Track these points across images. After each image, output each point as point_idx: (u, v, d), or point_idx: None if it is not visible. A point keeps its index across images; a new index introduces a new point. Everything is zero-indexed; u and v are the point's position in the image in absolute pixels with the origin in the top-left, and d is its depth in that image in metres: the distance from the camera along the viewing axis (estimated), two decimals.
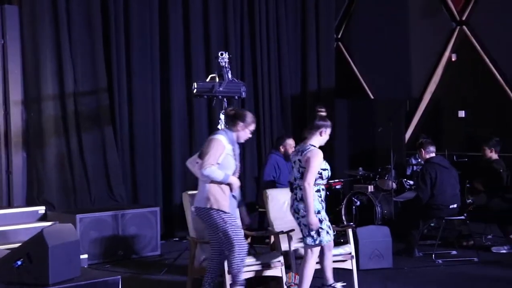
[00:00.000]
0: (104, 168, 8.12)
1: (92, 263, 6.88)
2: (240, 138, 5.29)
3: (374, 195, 8.77)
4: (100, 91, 8.07)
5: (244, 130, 5.27)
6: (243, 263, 5.14)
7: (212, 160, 5.06)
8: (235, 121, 5.25)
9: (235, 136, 5.25)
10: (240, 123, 5.24)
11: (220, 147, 5.11)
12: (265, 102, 9.72)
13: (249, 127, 5.27)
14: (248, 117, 5.27)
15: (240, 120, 5.24)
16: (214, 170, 5.05)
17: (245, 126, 5.25)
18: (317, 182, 5.28)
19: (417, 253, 7.27)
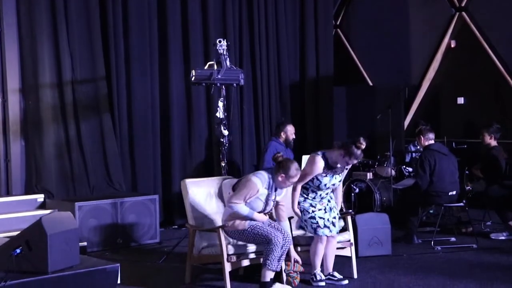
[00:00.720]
0: (102, 156, 8.10)
1: (91, 251, 6.89)
2: (280, 186, 5.38)
3: (373, 182, 8.78)
4: (98, 79, 8.04)
5: (284, 181, 5.31)
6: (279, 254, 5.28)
7: (238, 199, 5.25)
8: (278, 170, 5.31)
9: (276, 183, 5.34)
10: (283, 174, 5.28)
11: (253, 190, 5.26)
12: (263, 89, 9.69)
13: (291, 179, 5.30)
14: (292, 171, 5.26)
15: (283, 171, 5.27)
16: (240, 207, 5.25)
17: (286, 179, 5.29)
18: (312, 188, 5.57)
19: (416, 240, 7.28)
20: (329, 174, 5.54)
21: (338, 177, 5.65)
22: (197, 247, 5.71)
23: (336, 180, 5.65)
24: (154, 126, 8.61)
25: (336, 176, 5.61)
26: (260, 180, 5.28)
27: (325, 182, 5.57)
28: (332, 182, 5.62)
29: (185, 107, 8.94)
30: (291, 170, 5.25)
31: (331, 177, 5.59)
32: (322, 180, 5.55)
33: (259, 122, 9.66)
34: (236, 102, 9.20)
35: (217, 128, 7.00)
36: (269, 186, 5.31)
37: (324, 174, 5.52)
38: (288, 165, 5.28)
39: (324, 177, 5.54)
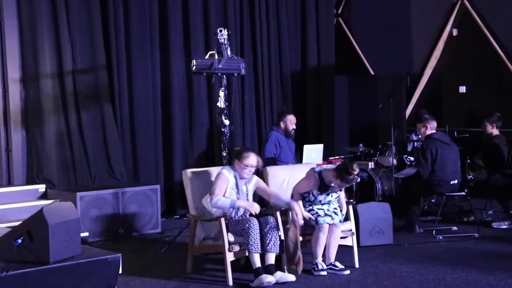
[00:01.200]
0: (104, 146, 8.10)
1: (93, 241, 6.89)
2: (241, 175, 5.62)
3: (375, 171, 8.77)
4: (99, 69, 8.02)
5: (240, 166, 5.58)
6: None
7: (217, 191, 5.46)
8: (233, 159, 5.67)
9: (237, 171, 5.63)
10: (236, 159, 5.60)
11: (225, 181, 5.52)
12: (264, 79, 9.67)
13: (244, 162, 5.54)
14: (242, 154, 5.58)
15: (236, 158, 5.62)
16: (220, 198, 5.42)
17: (240, 162, 5.56)
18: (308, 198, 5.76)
19: (417, 229, 7.28)
20: (324, 193, 5.70)
21: (334, 195, 5.78)
22: (198, 237, 5.71)
23: (332, 197, 5.78)
24: (155, 115, 8.60)
25: (333, 194, 5.76)
26: (226, 170, 5.59)
27: (320, 199, 5.73)
28: (327, 199, 5.76)
29: (186, 97, 8.93)
30: (242, 154, 5.56)
31: (326, 195, 5.73)
32: (317, 197, 5.72)
33: (260, 111, 9.64)
34: (237, 91, 9.19)
35: (218, 117, 6.97)
36: (234, 176, 5.60)
37: (319, 192, 5.68)
38: (239, 150, 5.71)
39: (319, 195, 5.71)
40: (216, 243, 5.53)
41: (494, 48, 9.60)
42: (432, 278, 5.44)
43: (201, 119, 9.01)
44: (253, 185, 5.74)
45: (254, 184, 5.74)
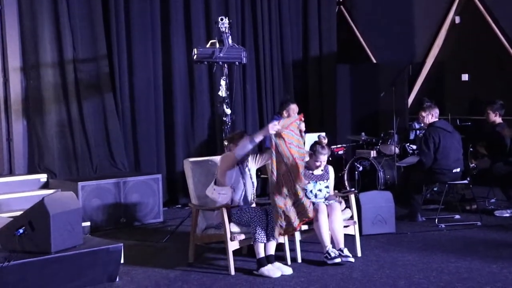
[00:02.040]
0: (105, 135, 8.08)
1: (95, 231, 6.88)
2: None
3: (377, 160, 8.76)
4: (100, 58, 7.98)
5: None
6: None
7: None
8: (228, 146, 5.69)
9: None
10: (231, 144, 5.61)
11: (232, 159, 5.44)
12: (266, 68, 9.63)
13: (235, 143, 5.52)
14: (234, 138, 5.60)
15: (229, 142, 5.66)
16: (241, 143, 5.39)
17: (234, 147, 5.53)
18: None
19: (420, 218, 7.27)
20: (311, 180, 5.81)
21: (323, 183, 5.86)
22: (200, 226, 5.70)
23: (321, 186, 5.86)
24: (157, 105, 8.58)
25: (321, 182, 5.86)
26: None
27: (310, 188, 5.80)
28: (317, 188, 5.84)
29: (188, 86, 8.90)
30: (236, 137, 5.58)
31: (315, 183, 5.83)
32: (307, 187, 5.74)
33: (261, 100, 9.62)
34: (239, 80, 9.16)
35: (220, 107, 6.96)
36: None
37: (307, 181, 5.72)
38: (231, 134, 5.79)
39: (308, 184, 5.76)
40: (218, 232, 5.51)
41: (497, 36, 9.55)
42: (435, 267, 5.42)
43: (203, 108, 8.98)
44: (251, 163, 5.70)
45: (252, 162, 5.71)
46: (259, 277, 5.23)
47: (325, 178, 5.95)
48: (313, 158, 5.86)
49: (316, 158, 5.84)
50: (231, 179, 5.49)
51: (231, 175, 5.49)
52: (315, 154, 5.85)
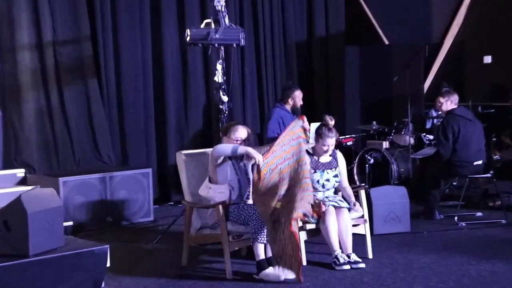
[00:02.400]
0: (89, 125, 8.08)
1: (78, 231, 6.89)
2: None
3: (390, 152, 8.76)
4: (82, 40, 7.97)
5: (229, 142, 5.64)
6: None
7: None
8: (221, 137, 5.75)
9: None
10: (224, 136, 5.70)
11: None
12: (267, 50, 9.63)
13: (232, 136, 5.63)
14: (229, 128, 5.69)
15: (223, 134, 5.71)
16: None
17: (228, 138, 5.64)
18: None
19: (437, 215, 7.27)
20: (318, 169, 5.81)
21: (330, 172, 5.86)
22: (194, 226, 5.70)
23: (329, 175, 5.85)
24: (146, 91, 8.56)
25: (328, 171, 5.85)
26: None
27: (317, 178, 5.78)
28: (324, 178, 5.82)
29: (180, 71, 8.89)
30: (229, 128, 5.67)
31: (322, 172, 5.82)
32: (313, 177, 5.74)
33: (262, 86, 9.61)
34: (237, 64, 9.15)
35: (216, 93, 6.95)
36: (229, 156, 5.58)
37: (313, 170, 5.74)
38: (225, 126, 5.86)
39: (314, 173, 5.77)
40: (214, 232, 5.51)
41: None
42: (454, 270, 5.42)
43: (197, 95, 8.97)
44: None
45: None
46: (259, 282, 5.22)
47: (333, 166, 5.91)
48: (320, 142, 5.82)
49: (323, 141, 5.79)
50: (226, 176, 5.50)
51: (224, 171, 5.50)
52: (321, 137, 5.80)
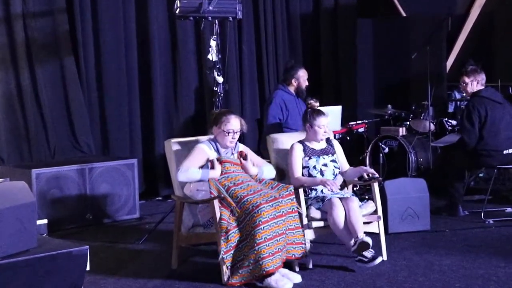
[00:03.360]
0: (65, 110, 8.08)
1: (53, 230, 6.89)
2: (222, 143, 5.70)
3: (407, 139, 8.76)
4: (57, 12, 7.95)
5: (220, 134, 5.69)
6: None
7: (187, 163, 5.54)
8: (210, 127, 5.79)
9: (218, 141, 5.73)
10: (214, 126, 5.72)
11: (201, 155, 5.62)
12: (267, 24, 9.62)
13: (224, 127, 5.65)
14: (221, 117, 5.69)
15: (214, 124, 5.73)
16: (190, 172, 5.50)
17: (219, 128, 5.68)
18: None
19: (461, 211, 7.29)
20: (313, 156, 5.98)
21: (327, 157, 6.01)
22: (185, 224, 5.71)
23: (326, 160, 5.98)
24: (130, 71, 8.56)
25: (324, 157, 6.03)
26: (204, 144, 5.69)
27: (313, 163, 5.94)
28: (321, 163, 5.96)
29: (169, 48, 8.89)
30: (220, 118, 5.68)
31: (318, 157, 5.98)
32: (309, 164, 5.93)
33: (262, 65, 9.61)
34: (233, 40, 9.15)
35: (209, 74, 6.95)
36: (216, 148, 5.70)
37: (307, 157, 5.95)
38: (216, 114, 5.85)
39: (309, 160, 5.95)
40: (208, 231, 5.52)
41: None
42: (481, 273, 5.44)
43: (188, 76, 8.97)
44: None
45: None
46: None
47: (329, 152, 6.06)
48: (313, 127, 5.98)
49: (317, 123, 5.95)
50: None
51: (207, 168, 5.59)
52: (313, 120, 5.96)
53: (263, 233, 5.16)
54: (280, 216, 5.29)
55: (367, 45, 10.54)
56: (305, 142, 6.02)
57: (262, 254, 5.13)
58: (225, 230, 5.23)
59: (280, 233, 5.24)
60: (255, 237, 5.16)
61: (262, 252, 5.13)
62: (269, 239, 5.17)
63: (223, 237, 5.23)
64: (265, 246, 5.15)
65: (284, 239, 5.28)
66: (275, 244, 5.20)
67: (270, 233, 5.18)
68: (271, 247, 5.18)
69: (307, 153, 5.95)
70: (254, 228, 5.17)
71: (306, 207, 5.72)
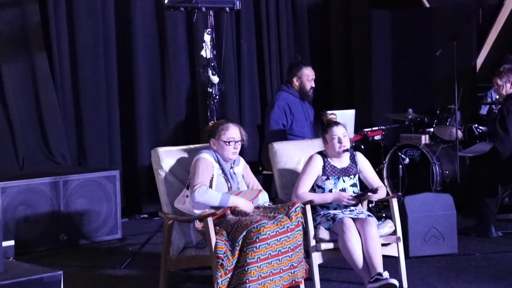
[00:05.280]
0: (36, 115, 8.11)
1: (22, 253, 6.88)
2: (223, 156, 5.78)
3: (431, 149, 8.76)
4: (27, 2, 7.99)
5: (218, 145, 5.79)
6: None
7: (201, 179, 5.56)
8: (208, 138, 5.89)
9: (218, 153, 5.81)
10: (211, 138, 5.83)
11: (208, 166, 5.66)
12: (270, 16, 9.65)
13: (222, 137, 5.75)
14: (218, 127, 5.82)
15: (210, 135, 5.85)
16: (207, 191, 5.51)
17: (217, 140, 5.79)
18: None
19: (494, 232, 7.28)
20: (332, 176, 5.99)
21: (348, 180, 6.01)
22: (175, 245, 5.71)
23: (346, 184, 6.00)
24: (110, 70, 8.59)
25: (345, 179, 6.00)
26: (206, 154, 5.75)
27: (329, 186, 5.97)
28: (339, 187, 5.96)
29: (156, 43, 8.92)
30: (217, 128, 5.80)
31: (337, 180, 6.00)
32: (325, 185, 5.97)
33: (264, 63, 9.64)
34: (230, 35, 9.17)
35: (203, 73, 6.96)
36: (217, 160, 5.77)
37: (325, 176, 5.97)
38: (212, 125, 6.00)
39: (326, 181, 5.99)
40: (201, 253, 5.51)
41: None
42: None
43: (178, 76, 8.99)
44: (242, 168, 5.87)
45: (243, 168, 5.87)
46: None
47: (351, 173, 6.04)
48: (328, 142, 6.02)
49: (331, 133, 6.00)
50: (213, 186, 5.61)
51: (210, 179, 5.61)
52: (323, 135, 6.04)
53: (257, 252, 5.17)
54: (284, 232, 5.29)
55: (384, 40, 10.54)
56: (326, 157, 6.03)
57: (250, 277, 5.14)
58: (221, 261, 5.22)
59: (282, 252, 5.25)
60: (246, 255, 5.17)
61: (250, 274, 5.14)
62: (263, 259, 5.18)
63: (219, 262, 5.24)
64: (255, 267, 5.16)
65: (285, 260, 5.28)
66: (268, 266, 5.20)
67: (266, 253, 5.19)
68: (263, 269, 5.18)
69: (325, 172, 5.95)
70: (248, 245, 5.18)
71: (314, 226, 5.73)
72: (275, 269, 5.23)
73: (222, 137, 5.72)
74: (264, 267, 5.18)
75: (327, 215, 5.82)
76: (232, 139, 5.71)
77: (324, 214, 5.86)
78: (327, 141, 6.02)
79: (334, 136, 5.97)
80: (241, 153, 5.98)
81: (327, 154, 6.04)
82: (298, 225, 5.38)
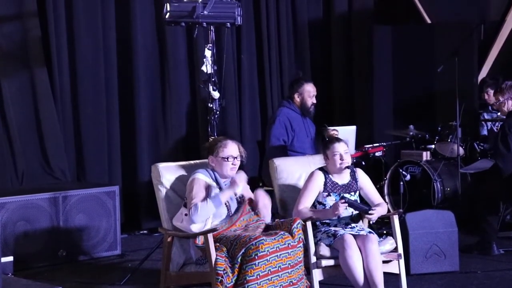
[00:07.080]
0: (36, 129, 8.10)
1: (21, 269, 6.89)
2: (221, 173, 5.82)
3: (432, 165, 8.76)
4: (27, 16, 7.99)
5: (217, 162, 5.83)
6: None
7: (196, 199, 5.60)
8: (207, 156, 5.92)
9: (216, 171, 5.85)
10: (210, 155, 5.86)
11: (202, 186, 5.71)
12: (270, 31, 9.67)
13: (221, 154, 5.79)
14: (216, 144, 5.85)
15: (209, 152, 5.88)
16: (197, 207, 5.55)
17: (215, 158, 5.83)
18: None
19: (495, 249, 7.28)
20: (333, 192, 6.01)
21: (349, 197, 6.00)
22: (175, 261, 5.72)
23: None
24: (110, 85, 8.59)
25: (346, 195, 5.99)
26: (201, 174, 5.78)
27: (330, 202, 5.98)
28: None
29: (157, 58, 8.93)
30: (215, 145, 5.83)
31: (337, 196, 6.02)
32: (327, 202, 5.98)
33: (264, 79, 9.65)
34: (231, 50, 9.18)
35: (203, 88, 6.97)
36: (214, 178, 5.81)
37: (326, 192, 5.98)
38: (211, 141, 6.06)
39: (327, 197, 6.01)
40: (201, 270, 5.52)
41: None
42: None
43: (179, 91, 9.00)
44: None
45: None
46: None
47: (352, 190, 6.07)
48: (329, 159, 6.06)
49: (332, 150, 6.02)
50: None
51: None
52: (325, 152, 6.09)
53: (257, 269, 5.18)
54: (285, 248, 5.31)
55: (385, 56, 10.55)
56: (327, 173, 6.06)
57: None
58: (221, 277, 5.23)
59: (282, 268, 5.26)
60: (246, 273, 5.19)
61: None
62: (263, 276, 5.19)
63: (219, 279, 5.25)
64: (255, 285, 5.18)
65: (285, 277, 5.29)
66: (268, 283, 5.22)
67: (265, 269, 5.21)
68: (263, 286, 5.21)
69: (327, 188, 5.98)
70: (248, 262, 5.19)
71: (315, 243, 5.74)
72: (275, 285, 5.25)
73: (221, 154, 5.75)
74: (264, 284, 5.20)
75: (328, 232, 5.83)
76: (230, 156, 5.74)
77: (325, 230, 5.87)
78: (328, 157, 6.04)
79: (336, 153, 6.00)
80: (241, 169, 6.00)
81: (328, 170, 6.06)
82: (299, 242, 5.40)
